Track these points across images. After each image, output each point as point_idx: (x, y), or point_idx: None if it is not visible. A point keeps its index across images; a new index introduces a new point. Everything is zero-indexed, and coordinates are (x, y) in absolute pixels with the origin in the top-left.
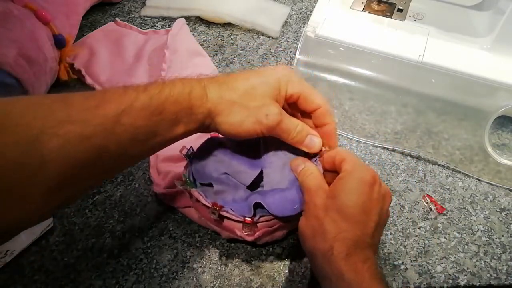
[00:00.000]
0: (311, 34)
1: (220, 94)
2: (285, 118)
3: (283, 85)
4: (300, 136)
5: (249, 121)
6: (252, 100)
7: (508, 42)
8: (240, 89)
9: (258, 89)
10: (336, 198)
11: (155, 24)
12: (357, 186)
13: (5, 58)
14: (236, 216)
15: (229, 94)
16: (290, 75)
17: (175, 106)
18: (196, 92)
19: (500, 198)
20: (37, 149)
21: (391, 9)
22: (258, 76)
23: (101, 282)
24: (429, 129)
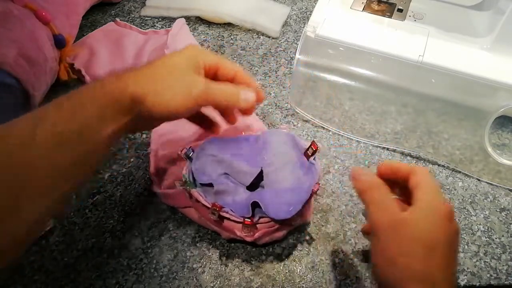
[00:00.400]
0: (311, 34)
1: (139, 77)
2: (212, 84)
3: (200, 59)
4: (233, 95)
5: (179, 95)
6: (174, 75)
7: (508, 42)
8: (159, 69)
9: (177, 66)
10: (416, 233)
11: (155, 24)
12: (439, 222)
13: (5, 58)
14: (236, 217)
15: (149, 75)
16: (201, 50)
17: (92, 100)
18: (109, 80)
19: (500, 198)
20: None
21: (391, 9)
22: (171, 56)
23: (101, 282)
24: (429, 129)
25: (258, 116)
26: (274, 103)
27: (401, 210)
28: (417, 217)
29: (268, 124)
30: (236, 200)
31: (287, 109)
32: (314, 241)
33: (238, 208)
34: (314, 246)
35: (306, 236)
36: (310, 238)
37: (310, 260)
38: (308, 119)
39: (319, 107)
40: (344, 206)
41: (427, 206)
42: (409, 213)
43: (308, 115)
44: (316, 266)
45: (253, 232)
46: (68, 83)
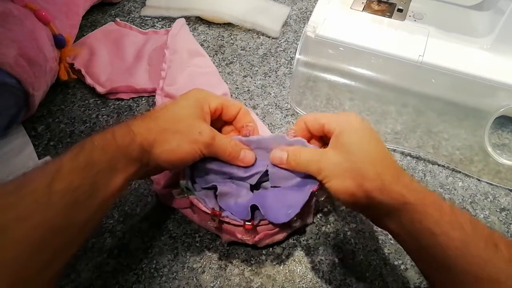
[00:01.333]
0: (311, 34)
1: (146, 127)
2: (218, 134)
3: (205, 103)
4: (235, 151)
5: (185, 142)
6: (180, 123)
7: (508, 42)
8: (165, 117)
9: (183, 113)
10: (349, 148)
11: (155, 24)
12: (358, 129)
13: (5, 58)
14: (236, 221)
15: (156, 124)
16: (206, 94)
17: (103, 153)
18: (119, 132)
19: (500, 198)
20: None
21: (391, 9)
22: (177, 103)
23: (101, 282)
24: (429, 129)
25: (258, 116)
26: (274, 103)
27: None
28: (349, 138)
29: (268, 125)
30: (238, 202)
31: (287, 109)
32: (314, 241)
33: (239, 211)
34: (314, 246)
35: (306, 236)
36: (310, 238)
37: (310, 260)
38: None
39: (319, 107)
40: (344, 206)
41: (347, 129)
42: (337, 141)
43: None
44: (316, 266)
45: (253, 235)
46: (68, 83)
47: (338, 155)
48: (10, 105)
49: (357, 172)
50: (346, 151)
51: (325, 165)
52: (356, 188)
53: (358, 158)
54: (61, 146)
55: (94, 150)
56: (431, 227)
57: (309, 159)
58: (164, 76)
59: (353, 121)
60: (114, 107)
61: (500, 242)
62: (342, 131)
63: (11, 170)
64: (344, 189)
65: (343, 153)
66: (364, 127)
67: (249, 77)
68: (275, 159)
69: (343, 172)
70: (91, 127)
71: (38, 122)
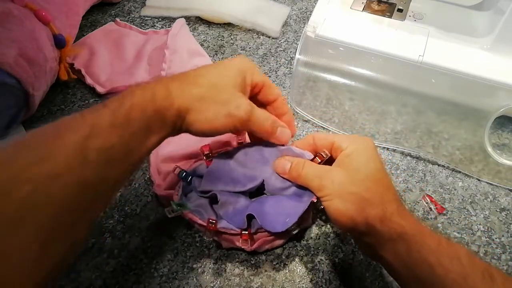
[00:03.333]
0: (311, 34)
1: (185, 91)
2: (255, 109)
3: (248, 75)
4: (272, 127)
5: (221, 115)
6: (219, 93)
7: (508, 42)
8: (205, 84)
9: (224, 82)
10: (358, 170)
11: (155, 24)
12: (371, 155)
13: (5, 58)
14: (234, 230)
15: (195, 90)
16: (251, 66)
17: (142, 114)
18: (159, 94)
19: (500, 198)
20: (7, 203)
21: (391, 9)
22: (220, 68)
23: (101, 282)
24: (429, 129)
25: None
26: None
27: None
28: (357, 158)
29: None
30: (236, 208)
31: None
32: (314, 241)
33: (235, 220)
34: (314, 246)
35: (306, 236)
36: (310, 238)
37: (310, 260)
38: (308, 119)
39: (319, 107)
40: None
41: (357, 148)
42: (344, 160)
43: (308, 115)
44: (316, 266)
45: (252, 242)
46: (68, 83)
47: (343, 175)
48: (10, 105)
49: (361, 196)
50: (353, 172)
51: (328, 183)
52: (356, 213)
53: (364, 182)
54: None
55: (133, 108)
56: (429, 258)
57: (312, 173)
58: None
59: (367, 143)
60: None
61: (496, 275)
62: (353, 150)
63: None
64: (344, 211)
65: (349, 173)
66: (375, 154)
67: None
68: (279, 168)
69: (346, 193)
70: None
71: (38, 122)
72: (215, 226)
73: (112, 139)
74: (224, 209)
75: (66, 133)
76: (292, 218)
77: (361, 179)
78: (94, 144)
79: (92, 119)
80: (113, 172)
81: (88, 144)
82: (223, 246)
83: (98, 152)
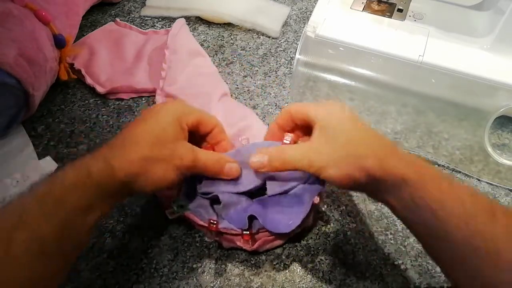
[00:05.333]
0: (311, 34)
1: (127, 158)
2: (199, 154)
3: (183, 119)
4: (219, 165)
5: (169, 171)
6: (161, 149)
7: (508, 42)
8: (144, 143)
9: (162, 136)
10: (338, 135)
11: (155, 24)
12: (345, 117)
13: (5, 58)
14: (235, 231)
15: (137, 153)
16: (183, 107)
17: (77, 194)
18: (96, 168)
19: (500, 198)
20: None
21: (391, 9)
22: (154, 122)
23: (101, 282)
24: (429, 129)
25: (258, 116)
26: (274, 103)
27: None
28: (334, 127)
29: (268, 125)
30: (237, 209)
31: None
32: (314, 241)
33: (237, 220)
34: (314, 246)
35: (306, 236)
36: (310, 238)
37: (310, 260)
38: None
39: None
40: (344, 206)
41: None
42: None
43: None
44: (316, 266)
45: (252, 242)
46: (68, 83)
47: (327, 144)
48: (10, 105)
49: (352, 156)
50: (335, 139)
51: (317, 157)
52: (354, 171)
53: (350, 142)
54: (61, 146)
55: (65, 190)
56: (431, 203)
57: (296, 154)
58: (164, 76)
59: (336, 110)
60: (114, 107)
61: (498, 211)
62: (327, 119)
63: (11, 170)
64: (343, 175)
65: (332, 141)
66: (349, 114)
67: (249, 77)
68: (254, 164)
69: (338, 159)
70: (91, 127)
71: (38, 122)
72: (216, 226)
73: (41, 229)
74: (226, 210)
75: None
76: (295, 221)
77: (345, 141)
78: (20, 236)
79: (18, 208)
80: (47, 265)
81: (13, 237)
82: (224, 246)
83: (26, 246)
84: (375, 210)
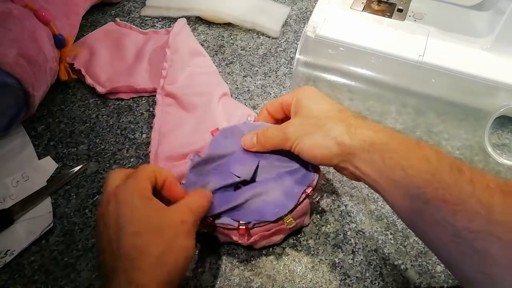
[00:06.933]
0: (311, 34)
1: (149, 277)
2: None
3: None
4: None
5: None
6: (163, 236)
7: (508, 42)
8: (144, 231)
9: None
10: (309, 111)
11: (155, 24)
12: (314, 95)
13: (5, 58)
14: (231, 225)
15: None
16: (143, 183)
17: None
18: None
19: None
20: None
21: (391, 9)
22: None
23: (101, 282)
24: (429, 129)
25: None
26: None
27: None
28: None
29: None
30: (226, 189)
31: None
32: (314, 241)
33: (224, 197)
34: (314, 246)
35: (306, 236)
36: (310, 238)
37: (310, 260)
38: None
39: None
40: (344, 206)
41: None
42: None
43: None
44: (316, 266)
45: (248, 237)
46: (68, 83)
47: (299, 119)
48: (10, 105)
49: (322, 124)
50: (306, 112)
51: (290, 131)
52: (324, 139)
53: (319, 114)
54: (61, 146)
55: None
56: (401, 161)
57: (275, 132)
58: (165, 75)
59: (307, 89)
60: (114, 107)
61: (462, 167)
62: (299, 98)
63: (11, 170)
64: (314, 144)
65: (303, 116)
66: (319, 94)
67: (249, 77)
68: (247, 144)
69: (309, 129)
70: (91, 127)
71: (38, 122)
72: (213, 220)
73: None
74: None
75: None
76: (281, 210)
77: (315, 115)
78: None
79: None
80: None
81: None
82: (220, 240)
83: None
84: (375, 210)
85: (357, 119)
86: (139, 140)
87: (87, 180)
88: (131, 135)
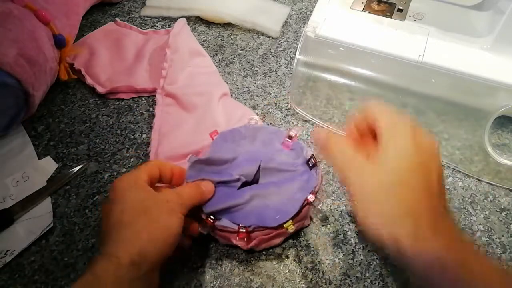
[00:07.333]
0: (311, 34)
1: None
2: (179, 193)
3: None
4: (200, 196)
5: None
6: (147, 214)
7: (508, 42)
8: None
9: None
10: (391, 170)
11: (155, 24)
12: (409, 147)
13: (5, 58)
14: (231, 228)
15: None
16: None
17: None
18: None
19: (500, 198)
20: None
21: (391, 9)
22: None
23: None
24: (429, 129)
25: (258, 116)
26: (274, 103)
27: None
28: (380, 162)
29: (268, 124)
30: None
31: (287, 109)
32: (314, 241)
33: (233, 217)
34: (314, 246)
35: (306, 236)
36: (310, 238)
37: (310, 260)
38: (308, 119)
39: (319, 107)
40: (344, 206)
41: (393, 149)
42: (372, 160)
43: (308, 115)
44: (316, 266)
45: (248, 241)
46: (68, 83)
47: (372, 172)
48: (10, 105)
49: (389, 209)
50: (385, 172)
51: (353, 179)
52: (383, 228)
53: (395, 187)
54: (61, 146)
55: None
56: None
57: (341, 157)
58: (165, 75)
59: (406, 132)
60: (114, 107)
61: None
62: (389, 142)
63: (11, 170)
64: (369, 224)
65: (380, 172)
66: (416, 145)
67: (249, 77)
68: (315, 134)
69: (371, 201)
70: (91, 127)
71: (38, 122)
72: (213, 221)
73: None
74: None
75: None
76: (283, 216)
77: (392, 182)
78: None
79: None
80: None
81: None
82: (221, 243)
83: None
84: None
85: (434, 215)
86: (139, 140)
87: (87, 180)
88: (131, 135)
